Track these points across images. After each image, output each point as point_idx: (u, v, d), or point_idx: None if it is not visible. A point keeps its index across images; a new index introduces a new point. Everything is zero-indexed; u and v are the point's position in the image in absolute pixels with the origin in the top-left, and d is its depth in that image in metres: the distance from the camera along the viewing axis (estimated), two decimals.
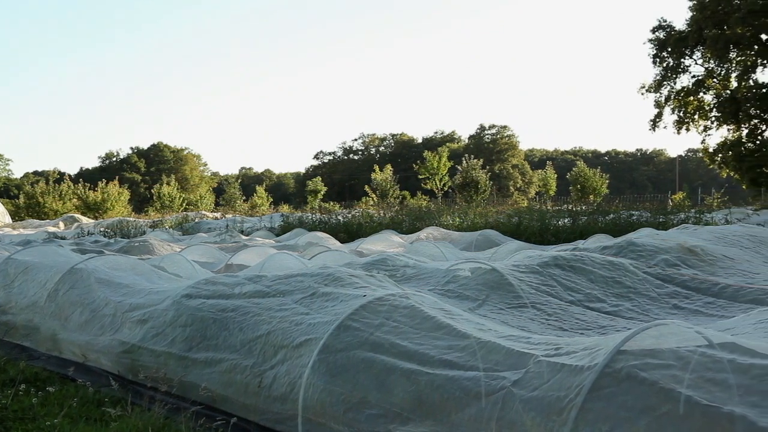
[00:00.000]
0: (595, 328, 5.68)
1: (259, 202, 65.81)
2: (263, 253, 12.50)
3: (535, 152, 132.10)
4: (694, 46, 51.76)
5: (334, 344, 4.36)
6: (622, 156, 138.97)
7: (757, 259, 8.23)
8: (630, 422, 3.03)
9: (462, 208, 29.77)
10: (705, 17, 48.71)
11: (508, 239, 16.80)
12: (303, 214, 30.08)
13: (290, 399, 4.33)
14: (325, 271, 5.72)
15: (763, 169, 49.19)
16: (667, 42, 52.40)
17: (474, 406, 3.56)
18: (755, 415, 2.81)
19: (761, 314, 4.88)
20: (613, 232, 16.69)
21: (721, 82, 52.35)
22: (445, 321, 4.32)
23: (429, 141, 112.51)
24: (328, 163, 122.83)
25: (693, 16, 50.43)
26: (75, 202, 51.50)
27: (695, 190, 66.16)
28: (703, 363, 3.16)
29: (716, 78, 52.55)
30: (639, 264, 7.32)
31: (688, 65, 53.24)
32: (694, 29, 49.97)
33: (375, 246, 15.16)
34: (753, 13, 46.33)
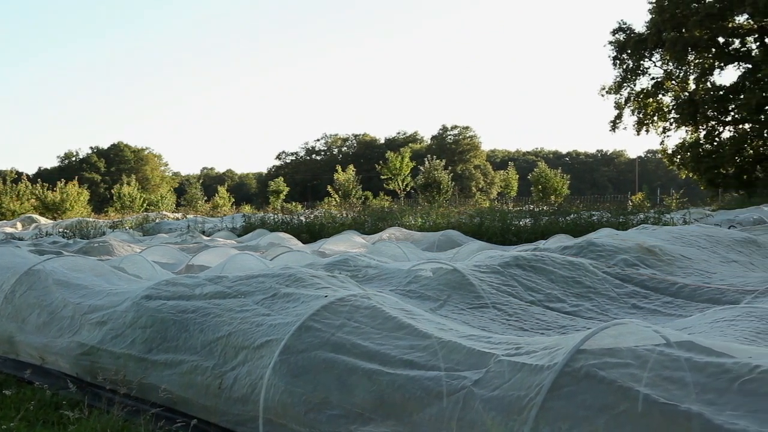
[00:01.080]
0: (555, 327, 5.73)
1: (221, 203, 65.41)
2: (224, 253, 12.43)
3: (497, 153, 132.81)
4: (654, 49, 52.40)
5: (295, 345, 4.35)
6: (583, 157, 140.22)
7: (714, 259, 8.35)
8: (589, 421, 3.05)
9: (424, 208, 29.83)
10: (664, 20, 49.31)
11: (470, 239, 16.87)
12: (265, 214, 29.94)
13: (251, 400, 4.31)
14: (286, 271, 5.70)
15: (720, 170, 49.90)
16: (627, 44, 52.98)
17: (435, 405, 3.57)
18: (711, 413, 2.85)
19: (717, 313, 4.95)
20: (573, 233, 16.82)
21: (680, 84, 53.03)
22: (406, 321, 4.33)
23: (391, 141, 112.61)
24: (291, 164, 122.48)
25: (652, 19, 51.03)
26: (33, 202, 50.77)
27: (654, 191, 66.94)
28: (661, 362, 3.20)
29: (675, 80, 53.23)
30: (599, 264, 7.39)
31: (647, 67, 53.86)
32: (653, 32, 50.57)
33: (337, 246, 15.14)
34: (710, 16, 47.00)
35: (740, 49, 50.71)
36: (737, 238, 9.34)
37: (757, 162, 47.99)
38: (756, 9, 44.93)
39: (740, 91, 48.60)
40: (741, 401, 2.89)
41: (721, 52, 50.56)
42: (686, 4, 49.14)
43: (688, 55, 51.07)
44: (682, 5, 49.11)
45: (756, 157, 48.35)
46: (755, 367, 3.01)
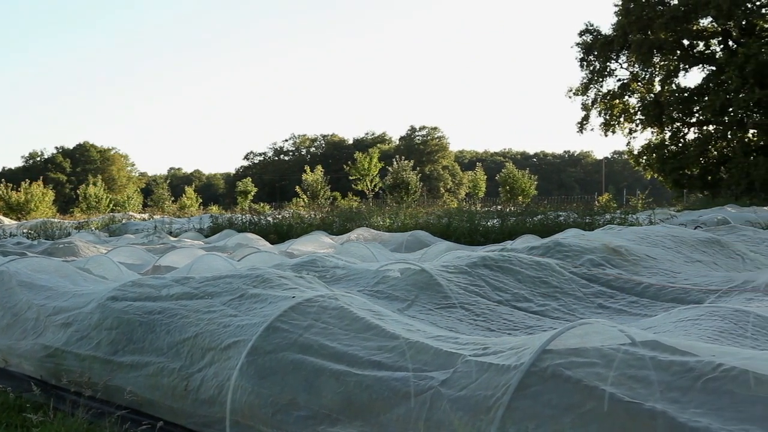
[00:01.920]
0: (522, 327, 5.76)
1: (188, 203, 65.09)
2: (192, 254, 12.36)
3: (465, 154, 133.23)
4: (620, 50, 52.89)
5: (262, 346, 4.33)
6: (551, 158, 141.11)
7: (679, 259, 8.43)
8: (555, 420, 3.07)
9: (392, 209, 29.84)
10: (630, 22, 49.80)
11: (438, 240, 16.90)
12: (233, 215, 29.79)
13: (218, 402, 4.29)
14: (254, 272, 5.68)
15: (685, 171, 50.46)
16: (594, 46, 53.43)
17: (403, 406, 3.58)
18: (675, 411, 2.88)
19: (682, 312, 5.01)
20: (541, 233, 16.90)
21: (646, 86, 53.57)
22: (374, 322, 4.33)
23: (360, 142, 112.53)
24: (259, 164, 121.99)
25: (619, 21, 51.51)
26: None
27: (621, 192, 67.56)
28: (626, 361, 3.22)
29: (641, 82, 53.75)
30: (565, 264, 7.44)
31: (614, 69, 54.35)
32: (619, 34, 51.06)
33: (305, 247, 15.11)
34: (675, 18, 47.53)
35: (704, 52, 51.37)
36: (701, 239, 9.44)
37: (721, 163, 48.57)
38: (720, 12, 45.52)
39: (704, 93, 49.18)
40: (704, 399, 2.92)
41: (685, 55, 51.19)
42: (652, 6, 49.68)
43: (653, 57, 51.66)
44: (647, 8, 49.65)
45: (720, 158, 48.95)
46: (718, 365, 3.05)
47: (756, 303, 5.65)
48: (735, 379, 2.97)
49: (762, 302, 5.69)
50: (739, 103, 44.38)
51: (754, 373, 2.97)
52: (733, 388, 2.94)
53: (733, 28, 47.89)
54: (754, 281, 6.62)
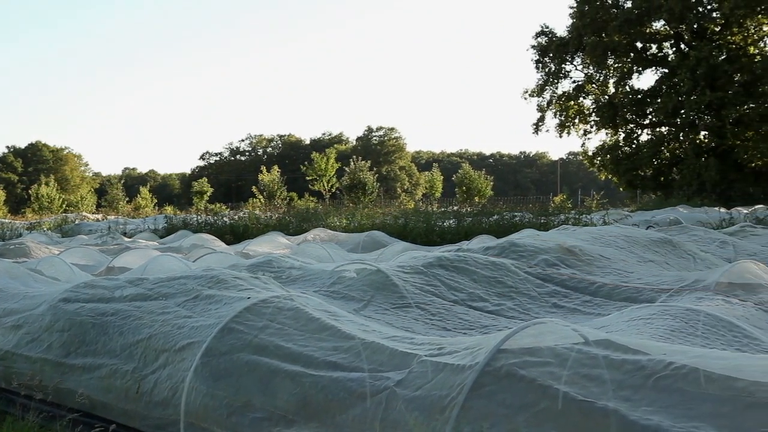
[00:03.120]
0: (477, 327, 5.78)
1: (143, 204, 64.44)
2: (146, 255, 12.22)
3: (422, 154, 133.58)
4: (575, 53, 53.45)
5: (217, 347, 4.30)
6: (507, 158, 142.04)
7: (632, 259, 8.53)
8: (509, 419, 3.10)
9: (349, 209, 29.86)
10: (584, 24, 50.34)
11: (394, 240, 16.91)
12: (188, 215, 29.52)
13: (172, 404, 4.25)
14: (208, 273, 5.64)
15: (638, 172, 51.14)
16: (549, 48, 53.93)
17: (358, 406, 3.58)
18: (627, 409, 2.92)
19: (634, 312, 5.07)
20: (496, 233, 16.98)
21: (600, 88, 54.21)
22: (329, 322, 4.32)
23: (317, 142, 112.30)
24: (215, 164, 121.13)
25: (573, 23, 52.04)
26: None
27: (575, 192, 68.26)
28: (580, 360, 3.26)
29: (595, 83, 54.38)
30: (520, 264, 7.48)
31: (568, 70, 54.91)
32: (574, 36, 51.60)
33: (261, 248, 15.03)
34: (629, 21, 48.16)
35: (657, 54, 52.13)
36: (654, 239, 9.56)
37: (674, 164, 49.33)
38: (672, 15, 46.21)
39: (657, 95, 49.91)
40: (655, 397, 2.96)
41: (639, 57, 51.90)
42: (606, 9, 50.27)
43: (607, 59, 52.29)
44: (602, 10, 50.22)
45: (672, 159, 49.71)
46: (669, 363, 3.10)
47: (706, 302, 5.73)
48: (685, 377, 3.01)
49: (712, 301, 5.77)
50: (691, 105, 45.11)
51: (704, 371, 3.02)
52: (684, 386, 2.98)
53: (685, 32, 48.68)
54: (704, 280, 6.72)
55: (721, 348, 4.24)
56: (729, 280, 6.48)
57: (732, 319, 4.71)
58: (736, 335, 4.46)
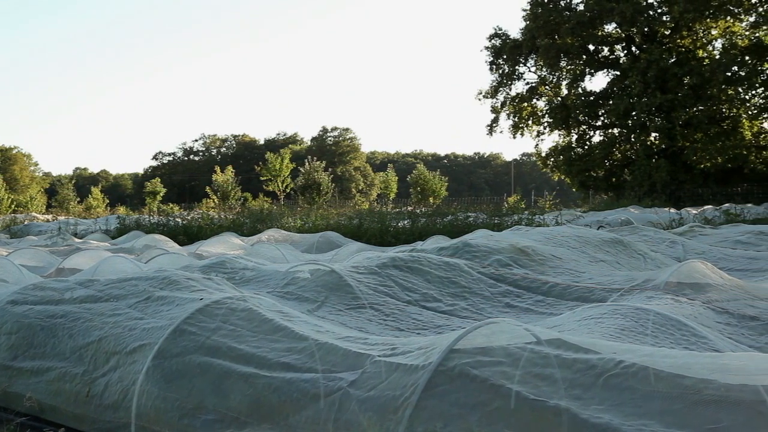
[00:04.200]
0: (431, 327, 5.80)
1: (95, 204, 63.67)
2: (97, 256, 12.05)
3: (377, 155, 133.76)
4: (528, 54, 53.98)
5: (169, 349, 4.26)
6: (461, 159, 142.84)
7: (583, 259, 8.62)
8: (463, 418, 3.11)
9: (304, 210, 29.82)
10: (538, 26, 50.85)
11: (349, 241, 16.91)
12: (141, 216, 29.17)
13: (123, 407, 4.20)
14: (160, 274, 5.58)
15: (591, 173, 51.82)
16: (503, 49, 54.38)
17: (312, 407, 3.57)
18: (578, 408, 2.94)
19: (585, 311, 5.13)
20: (450, 234, 17.06)
21: (553, 89, 54.82)
22: (283, 323, 4.30)
23: (271, 142, 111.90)
24: (168, 164, 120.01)
25: (527, 26, 52.54)
26: None
27: (529, 193, 68.87)
28: (532, 359, 3.28)
29: (548, 85, 54.98)
30: (474, 264, 7.52)
31: (522, 72, 55.47)
32: (527, 38, 52.10)
33: (215, 248, 14.91)
34: (581, 24, 48.77)
35: (609, 57, 52.88)
36: (605, 239, 9.67)
37: (625, 165, 50.04)
38: (624, 18, 46.87)
39: (609, 97, 50.65)
40: (606, 395, 3.00)
41: (591, 59, 52.59)
42: (559, 11, 50.84)
43: (560, 62, 52.93)
44: (554, 13, 50.79)
45: (624, 160, 50.43)
46: (619, 362, 3.13)
47: (656, 301, 5.81)
48: (635, 376, 3.05)
49: (662, 300, 5.85)
50: (642, 107, 45.81)
51: (654, 369, 3.06)
52: (634, 384, 3.02)
53: (636, 35, 49.40)
54: (654, 280, 6.81)
55: (670, 346, 4.30)
56: (678, 280, 6.58)
57: (681, 318, 4.78)
58: (685, 334, 4.53)
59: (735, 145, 45.66)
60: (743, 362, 3.21)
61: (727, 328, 5.43)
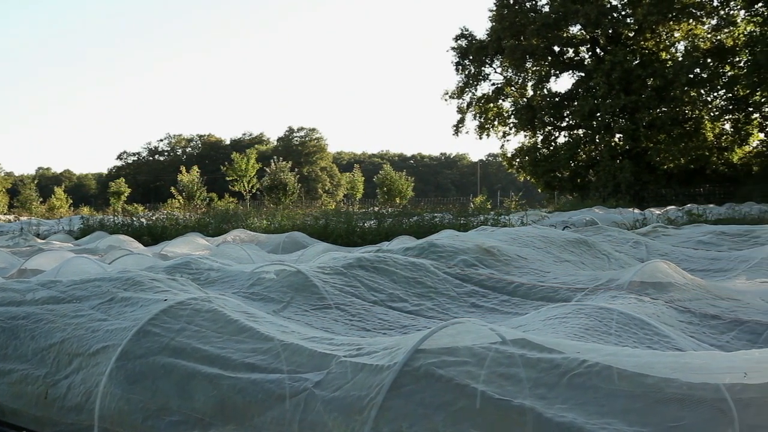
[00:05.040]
0: (397, 327, 5.81)
1: (58, 204, 62.96)
2: (60, 257, 11.92)
3: (344, 155, 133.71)
4: (494, 55, 54.30)
5: (133, 350, 4.22)
6: (428, 160, 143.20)
7: (548, 259, 8.67)
8: (428, 418, 3.11)
9: (270, 210, 29.70)
10: (503, 28, 51.16)
11: (315, 241, 16.88)
12: (105, 216, 28.91)
13: (86, 409, 4.15)
14: (124, 275, 5.54)
15: (556, 174, 52.23)
16: (469, 50, 54.66)
17: (277, 408, 3.55)
18: (542, 407, 2.96)
19: (550, 311, 5.16)
20: (417, 234, 17.08)
21: (519, 90, 55.19)
22: (248, 324, 4.28)
23: (237, 142, 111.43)
24: (133, 164, 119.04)
25: (493, 27, 52.85)
26: None
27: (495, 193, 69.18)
28: (497, 359, 3.29)
29: (514, 86, 55.34)
30: (439, 264, 7.54)
31: (488, 73, 55.79)
32: (493, 39, 52.40)
33: (180, 249, 14.81)
34: (547, 25, 49.14)
35: (574, 58, 53.34)
36: (569, 239, 9.74)
37: (590, 166, 50.50)
38: (588, 20, 47.30)
39: (574, 98, 51.10)
40: (569, 395, 3.02)
41: (556, 61, 53.01)
42: (524, 13, 51.20)
43: (526, 63, 53.33)
44: (520, 14, 51.13)
45: (588, 161, 50.88)
46: (583, 361, 3.16)
47: (620, 301, 5.86)
48: (599, 375, 3.07)
49: (625, 300, 5.91)
50: (606, 108, 46.25)
51: (617, 368, 3.08)
52: (597, 383, 3.04)
53: (601, 36, 49.87)
54: (618, 280, 6.87)
55: (633, 346, 4.34)
56: (641, 280, 6.64)
57: (644, 317, 4.83)
58: (648, 333, 4.58)
59: (697, 146, 46.33)
60: (705, 361, 3.24)
61: (689, 327, 5.49)
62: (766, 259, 9.22)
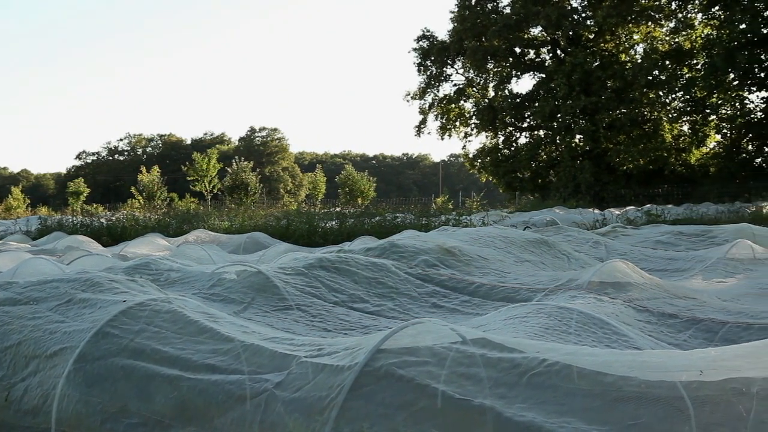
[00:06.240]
0: (358, 328, 5.81)
1: (15, 204, 62.10)
2: (17, 258, 11.75)
3: (306, 155, 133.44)
4: (456, 56, 54.56)
5: (91, 352, 4.18)
6: (390, 160, 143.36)
7: (509, 259, 8.72)
8: (389, 418, 3.11)
9: (231, 210, 29.55)
10: (465, 29, 51.43)
11: (277, 242, 16.81)
12: (63, 216, 28.54)
13: (43, 411, 4.10)
14: (83, 276, 5.47)
15: (517, 174, 52.59)
16: (431, 51, 54.83)
17: (238, 409, 3.54)
18: (502, 406, 2.98)
19: (511, 311, 5.19)
20: (378, 234, 17.09)
21: (480, 91, 55.49)
22: (208, 325, 4.26)
23: (198, 142, 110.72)
24: (92, 164, 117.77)
25: (454, 28, 53.10)
26: None
27: (457, 194, 69.42)
28: (458, 359, 3.30)
29: (476, 87, 55.63)
30: (401, 264, 7.55)
31: (450, 74, 56.04)
32: (455, 40, 52.65)
33: (140, 249, 14.68)
34: (508, 27, 49.47)
35: (535, 60, 53.77)
36: (530, 239, 9.80)
37: (551, 167, 50.92)
38: (549, 22, 47.70)
39: (535, 99, 51.51)
40: (529, 394, 3.03)
41: (517, 62, 53.39)
42: (486, 14, 51.50)
43: (487, 64, 53.65)
44: (482, 16, 51.42)
45: (549, 162, 51.30)
46: (542, 360, 3.18)
47: (579, 300, 5.91)
48: (558, 374, 3.10)
49: (585, 300, 5.96)
50: (567, 109, 46.67)
51: (576, 367, 3.11)
52: (557, 382, 3.06)
53: (561, 38, 50.31)
54: (577, 279, 6.92)
55: (592, 345, 4.38)
56: (600, 279, 6.71)
57: (603, 316, 4.87)
58: (607, 332, 4.62)
59: (656, 147, 46.90)
60: (662, 359, 3.29)
61: (647, 326, 5.56)
62: (723, 258, 9.37)
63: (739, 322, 5.62)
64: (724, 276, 8.68)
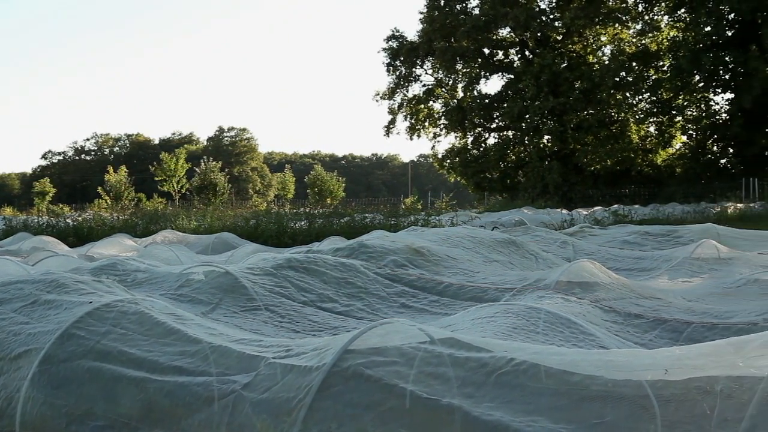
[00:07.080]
0: (327, 328, 5.80)
1: None
2: None
3: (275, 155, 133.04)
4: (425, 57, 54.69)
5: (56, 354, 4.13)
6: (359, 160, 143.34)
7: (477, 259, 8.75)
8: (357, 419, 3.11)
9: (200, 210, 29.38)
10: (434, 29, 51.59)
11: (245, 242, 16.74)
12: (29, 217, 28.28)
13: (7, 414, 4.05)
14: (48, 277, 5.41)
15: (486, 175, 52.83)
16: (400, 52, 54.92)
17: (205, 411, 3.52)
18: (470, 405, 2.98)
19: (479, 311, 5.21)
20: (348, 234, 17.06)
21: (449, 92, 55.68)
22: (176, 326, 4.23)
23: (166, 142, 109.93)
24: (58, 164, 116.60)
25: (423, 28, 53.25)
26: None
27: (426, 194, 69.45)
28: (426, 358, 3.31)
29: (445, 88, 55.80)
30: (369, 265, 7.55)
31: (419, 74, 56.17)
32: (424, 40, 52.79)
33: (106, 250, 14.55)
34: (477, 28, 49.67)
35: (504, 61, 54.07)
36: (498, 239, 9.84)
37: (519, 167, 51.21)
38: (517, 23, 47.99)
39: (504, 99, 51.79)
40: (497, 393, 3.05)
41: (486, 63, 53.66)
42: (455, 15, 51.68)
43: (456, 64, 53.85)
44: (451, 16, 51.60)
45: (518, 162, 51.60)
46: (510, 360, 3.19)
47: (547, 300, 5.95)
48: (525, 373, 3.11)
49: (552, 299, 5.99)
50: (535, 110, 46.99)
51: (544, 366, 3.12)
52: (524, 382, 3.08)
53: (530, 39, 50.64)
54: (545, 279, 6.96)
55: (559, 344, 4.41)
56: (568, 279, 6.75)
57: (570, 316, 4.91)
58: (574, 332, 4.66)
59: (623, 148, 47.35)
60: (628, 358, 3.32)
61: (614, 326, 5.61)
62: (688, 258, 9.47)
63: (704, 322, 5.68)
64: (689, 275, 8.78)
